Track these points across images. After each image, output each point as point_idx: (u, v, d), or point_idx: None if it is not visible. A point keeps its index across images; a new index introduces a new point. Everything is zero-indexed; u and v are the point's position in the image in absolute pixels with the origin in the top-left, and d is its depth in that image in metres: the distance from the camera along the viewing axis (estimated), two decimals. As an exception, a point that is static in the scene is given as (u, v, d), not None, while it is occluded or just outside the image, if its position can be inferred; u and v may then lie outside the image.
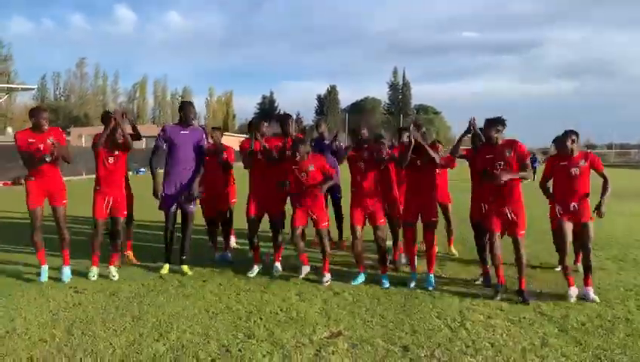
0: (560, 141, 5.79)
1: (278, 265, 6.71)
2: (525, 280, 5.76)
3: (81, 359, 4.04)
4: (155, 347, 4.28)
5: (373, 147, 6.38)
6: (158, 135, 6.63)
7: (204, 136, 6.72)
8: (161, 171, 6.63)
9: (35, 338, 4.43)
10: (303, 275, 6.42)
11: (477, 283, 6.37)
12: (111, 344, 4.32)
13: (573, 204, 5.69)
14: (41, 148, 5.97)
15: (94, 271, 6.36)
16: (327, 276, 6.29)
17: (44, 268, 6.25)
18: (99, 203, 6.42)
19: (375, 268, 6.71)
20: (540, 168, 24.81)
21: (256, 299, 5.62)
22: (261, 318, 5.03)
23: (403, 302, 5.58)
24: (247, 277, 6.49)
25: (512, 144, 5.74)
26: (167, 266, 6.68)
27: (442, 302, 5.60)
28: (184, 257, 6.70)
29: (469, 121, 6.21)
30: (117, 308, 5.24)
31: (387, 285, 6.16)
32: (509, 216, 5.68)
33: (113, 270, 6.42)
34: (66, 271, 6.26)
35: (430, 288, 6.04)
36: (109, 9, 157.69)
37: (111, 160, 6.41)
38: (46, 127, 6.02)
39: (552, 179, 6.00)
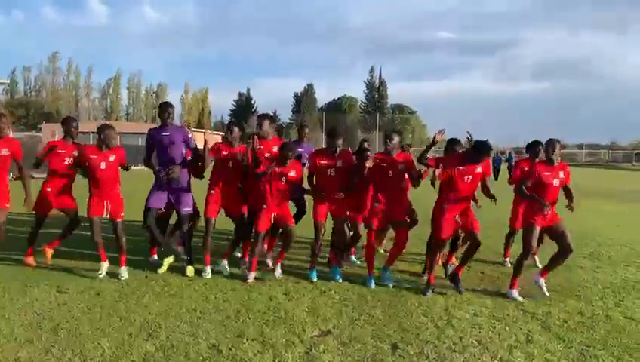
0: (549, 149, 5.95)
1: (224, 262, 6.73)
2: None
3: (69, 360, 3.99)
4: (144, 347, 4.25)
5: (346, 156, 6.54)
6: (147, 139, 6.70)
7: (188, 135, 6.68)
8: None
9: (21, 339, 4.35)
10: (250, 280, 6.28)
11: (424, 277, 6.55)
12: (99, 344, 4.27)
13: (548, 211, 5.84)
14: None
15: (104, 267, 6.34)
16: (279, 269, 6.54)
17: None
18: (94, 202, 6.28)
19: (363, 267, 6.80)
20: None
21: (244, 298, 5.61)
22: (249, 317, 5.03)
23: (389, 301, 5.65)
24: (232, 276, 6.46)
25: (483, 161, 5.99)
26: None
27: (427, 300, 5.69)
28: (189, 258, 6.60)
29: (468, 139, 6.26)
30: (103, 308, 5.18)
31: (338, 278, 6.38)
32: (458, 220, 5.98)
33: (124, 271, 6.35)
34: None
35: (390, 284, 6.19)
36: (81, 1, 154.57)
37: (103, 165, 6.25)
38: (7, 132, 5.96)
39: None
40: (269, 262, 7.02)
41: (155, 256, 7.16)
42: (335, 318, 5.06)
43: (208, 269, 6.52)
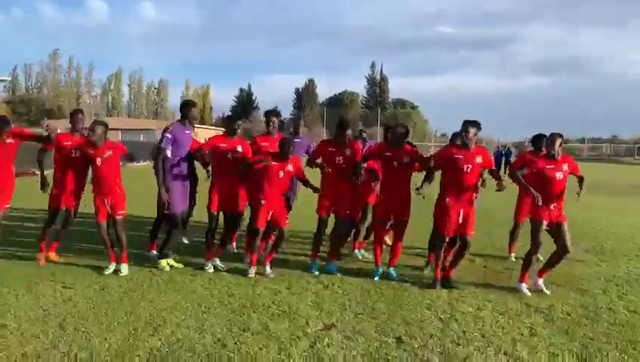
0: (549, 143, 5.91)
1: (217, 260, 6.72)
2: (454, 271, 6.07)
3: (76, 354, 4.02)
4: (150, 341, 4.27)
5: (355, 146, 6.60)
6: (165, 137, 6.33)
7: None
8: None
9: (28, 334, 4.38)
10: (251, 275, 6.29)
11: (425, 271, 6.65)
12: (106, 339, 4.30)
13: (553, 205, 5.83)
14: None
15: (112, 267, 6.34)
16: (269, 268, 6.37)
17: None
18: (100, 206, 6.30)
19: (366, 261, 6.85)
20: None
21: (248, 293, 5.64)
22: (254, 312, 5.06)
23: (393, 295, 5.67)
24: (236, 271, 6.48)
25: (482, 152, 6.01)
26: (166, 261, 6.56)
27: (431, 294, 5.70)
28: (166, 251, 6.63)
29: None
30: (108, 303, 5.21)
31: (334, 270, 6.47)
32: (460, 218, 5.91)
33: (124, 267, 6.34)
34: None
35: (394, 281, 6.20)
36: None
37: (99, 161, 6.24)
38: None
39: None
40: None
41: (154, 252, 7.09)
42: (339, 312, 5.09)
43: (210, 264, 6.57)
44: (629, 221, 11.36)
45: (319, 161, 6.62)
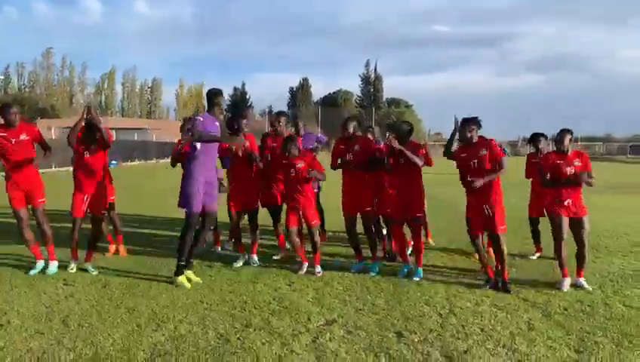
0: (559, 139, 6.02)
1: (254, 257, 6.85)
2: (508, 272, 5.93)
3: (81, 350, 4.06)
4: (154, 337, 4.33)
5: (363, 141, 6.66)
6: (196, 120, 5.74)
7: None
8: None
9: (32, 330, 4.43)
10: (303, 271, 6.42)
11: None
12: (109, 335, 4.35)
13: (568, 200, 5.93)
14: (14, 143, 5.97)
15: (72, 265, 6.37)
16: (319, 268, 6.42)
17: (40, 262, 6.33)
18: (77, 201, 6.36)
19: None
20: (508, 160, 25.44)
21: (249, 290, 5.69)
22: (256, 308, 5.11)
23: (392, 290, 5.74)
24: (236, 269, 6.55)
25: (487, 143, 5.92)
26: (186, 275, 5.92)
27: (429, 290, 5.77)
28: (192, 261, 6.23)
29: (454, 121, 6.11)
30: (110, 300, 5.25)
31: (375, 273, 6.38)
32: (486, 212, 5.87)
33: (90, 266, 6.37)
34: (52, 266, 6.26)
35: (417, 279, 6.19)
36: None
37: (87, 154, 6.33)
38: (17, 123, 6.02)
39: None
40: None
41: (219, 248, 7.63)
42: (340, 308, 5.15)
43: (242, 258, 6.83)
44: (623, 219, 11.46)
45: (345, 158, 6.61)
